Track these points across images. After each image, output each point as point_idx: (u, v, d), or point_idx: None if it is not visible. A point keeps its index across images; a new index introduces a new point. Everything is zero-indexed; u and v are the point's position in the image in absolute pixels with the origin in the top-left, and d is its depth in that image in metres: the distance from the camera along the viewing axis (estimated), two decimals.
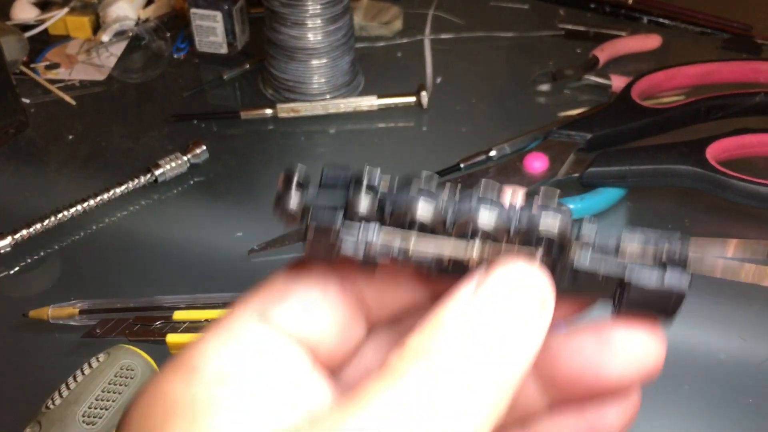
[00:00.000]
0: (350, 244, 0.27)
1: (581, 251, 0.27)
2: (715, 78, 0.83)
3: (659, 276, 0.27)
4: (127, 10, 0.97)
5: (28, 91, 0.89)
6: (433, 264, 0.27)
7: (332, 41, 0.84)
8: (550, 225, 0.26)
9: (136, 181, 0.73)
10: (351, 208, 0.27)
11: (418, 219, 0.26)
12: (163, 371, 0.27)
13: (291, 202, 0.27)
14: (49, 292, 0.64)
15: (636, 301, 0.27)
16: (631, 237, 0.27)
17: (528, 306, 0.26)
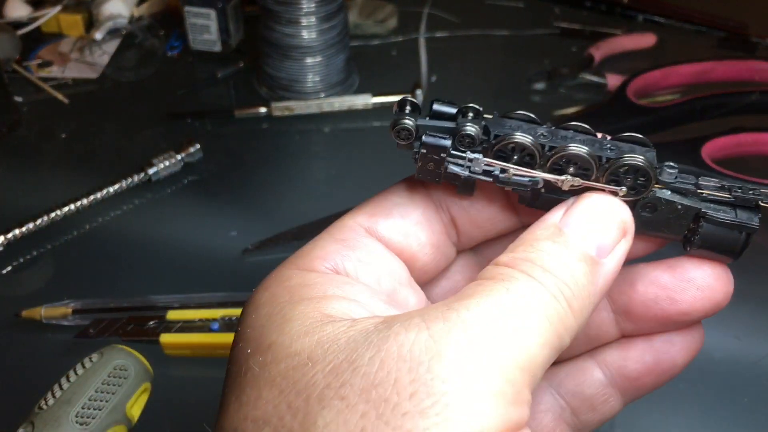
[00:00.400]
0: (457, 165, 0.30)
1: (662, 188, 0.30)
2: (710, 77, 0.83)
3: (733, 212, 0.30)
4: (120, 8, 0.97)
5: (20, 89, 0.88)
6: (529, 190, 0.31)
7: (327, 39, 0.84)
8: (638, 158, 0.29)
9: (130, 180, 0.73)
10: (458, 134, 0.30)
11: (518, 147, 0.30)
12: (285, 264, 0.31)
13: (407, 123, 0.30)
14: (41, 292, 0.64)
15: (709, 237, 0.30)
16: (708, 180, 0.31)
17: (610, 230, 0.29)
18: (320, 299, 0.28)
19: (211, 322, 0.57)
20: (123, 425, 0.48)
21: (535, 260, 0.28)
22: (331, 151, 0.82)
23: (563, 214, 0.30)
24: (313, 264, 0.31)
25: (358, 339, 0.26)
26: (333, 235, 0.32)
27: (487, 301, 0.26)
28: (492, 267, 0.28)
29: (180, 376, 0.57)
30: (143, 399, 0.51)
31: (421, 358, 0.24)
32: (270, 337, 0.27)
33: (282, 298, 0.29)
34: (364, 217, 0.32)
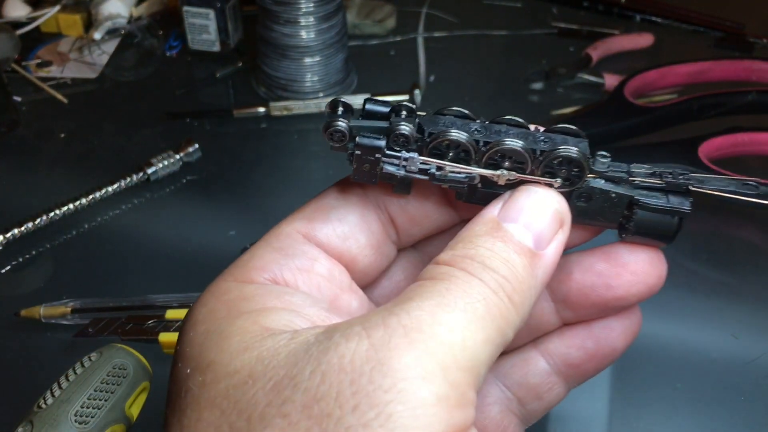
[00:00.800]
0: (392, 165, 0.30)
1: (596, 177, 0.31)
2: (707, 76, 0.84)
3: (665, 198, 0.31)
4: (119, 8, 0.97)
5: (19, 89, 0.89)
6: (465, 186, 0.31)
7: (325, 39, 0.84)
8: (571, 150, 0.30)
9: (129, 180, 0.73)
10: (393, 134, 0.30)
11: (453, 144, 0.30)
12: (222, 276, 0.30)
13: (340, 125, 0.30)
14: (40, 291, 0.64)
15: (643, 223, 0.31)
16: (639, 168, 0.32)
17: (547, 222, 0.30)
18: (259, 312, 0.28)
19: None
20: (122, 424, 0.48)
21: (475, 257, 0.28)
22: (330, 151, 0.82)
23: (500, 208, 0.30)
24: (250, 275, 0.30)
25: (299, 352, 0.25)
26: (270, 244, 0.31)
27: (426, 303, 0.26)
28: (432, 266, 0.28)
29: None
30: (142, 398, 0.51)
31: (362, 369, 0.24)
32: (209, 356, 0.27)
33: (220, 314, 0.28)
34: (301, 223, 0.32)
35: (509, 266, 0.28)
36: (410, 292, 0.27)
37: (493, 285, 0.27)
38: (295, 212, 0.33)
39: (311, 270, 0.31)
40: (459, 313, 0.26)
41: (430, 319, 0.25)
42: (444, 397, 0.24)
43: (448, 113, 0.31)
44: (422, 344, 0.24)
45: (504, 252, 0.28)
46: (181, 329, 0.29)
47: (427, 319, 0.25)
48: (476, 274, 0.27)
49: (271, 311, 0.28)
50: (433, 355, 0.24)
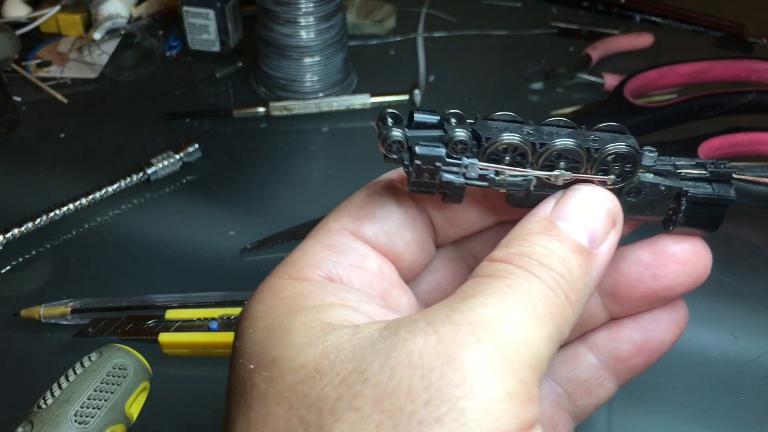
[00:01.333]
0: (452, 173, 0.30)
1: (645, 172, 0.31)
2: (707, 76, 0.84)
3: (710, 187, 0.32)
4: (119, 8, 0.97)
5: (19, 89, 0.89)
6: (523, 189, 0.31)
7: (325, 39, 0.84)
8: (622, 146, 0.30)
9: (129, 180, 0.73)
10: (452, 141, 0.30)
11: (510, 147, 0.30)
12: (276, 274, 0.31)
13: (397, 135, 0.30)
14: (40, 291, 0.64)
15: (691, 213, 0.32)
16: (683, 160, 0.32)
17: (601, 220, 0.30)
18: (318, 308, 0.28)
19: (209, 321, 0.57)
20: (122, 424, 0.49)
21: (531, 254, 0.28)
22: (330, 151, 0.83)
23: (553, 206, 0.30)
24: (305, 272, 0.30)
25: (365, 347, 0.25)
26: (321, 241, 0.32)
27: (489, 300, 0.26)
28: (488, 264, 0.28)
29: (179, 375, 0.57)
30: (142, 398, 0.51)
31: (432, 364, 0.24)
32: (273, 351, 0.27)
33: (279, 310, 0.29)
34: (348, 220, 0.32)
35: (566, 264, 0.28)
36: (469, 289, 0.27)
37: (551, 283, 0.27)
38: (340, 209, 0.33)
39: (363, 267, 0.31)
40: (521, 311, 0.26)
41: (494, 315, 0.25)
42: (514, 393, 0.24)
43: (497, 118, 0.31)
44: (490, 341, 0.25)
45: (560, 250, 0.28)
46: (238, 327, 0.30)
47: (492, 315, 0.25)
48: (534, 272, 0.27)
49: (330, 307, 0.28)
50: (501, 351, 0.25)
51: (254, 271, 0.65)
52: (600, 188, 0.31)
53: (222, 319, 0.57)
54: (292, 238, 0.66)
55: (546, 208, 0.30)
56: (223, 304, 0.59)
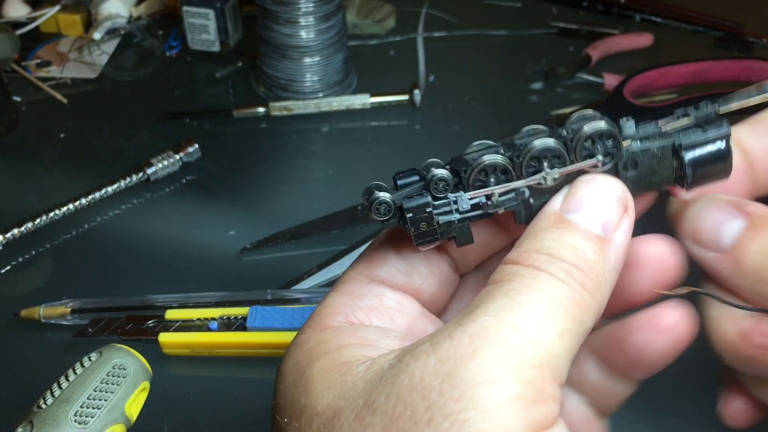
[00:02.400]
0: (445, 213, 0.31)
1: (631, 142, 0.31)
2: (707, 77, 0.84)
3: (702, 131, 0.31)
4: (119, 8, 0.97)
5: (19, 89, 0.89)
6: (520, 205, 0.31)
7: (325, 39, 0.84)
8: (597, 124, 0.30)
9: (128, 180, 0.73)
10: (431, 183, 0.31)
11: (491, 168, 0.30)
12: (302, 329, 0.32)
13: (383, 196, 0.30)
14: (40, 292, 0.64)
15: (697, 162, 0.31)
16: (665, 118, 0.31)
17: (611, 207, 0.29)
18: (335, 351, 0.29)
19: (209, 322, 0.57)
20: (122, 424, 0.48)
21: (541, 249, 0.28)
22: (330, 151, 0.83)
23: (561, 202, 0.30)
24: (326, 322, 0.31)
25: (374, 381, 0.26)
26: (339, 290, 0.33)
27: (491, 307, 0.26)
28: (500, 268, 0.28)
29: (179, 375, 0.57)
30: (142, 398, 0.51)
31: (431, 384, 0.24)
32: (299, 402, 0.28)
33: (302, 362, 0.30)
34: (363, 266, 0.33)
35: (578, 254, 0.28)
36: (477, 300, 0.27)
37: (562, 275, 0.27)
38: (357, 259, 0.34)
39: (380, 305, 0.32)
40: (525, 312, 0.26)
41: (495, 323, 0.25)
42: (518, 396, 0.24)
43: (472, 150, 0.31)
44: (487, 349, 0.25)
45: (571, 240, 0.28)
46: (275, 385, 0.31)
47: (493, 323, 0.25)
48: (543, 267, 0.27)
49: (346, 348, 0.29)
50: (501, 356, 0.25)
51: (254, 271, 0.65)
52: (605, 176, 0.30)
53: (222, 319, 0.57)
54: (291, 238, 0.66)
55: (554, 204, 0.30)
56: (223, 304, 0.59)
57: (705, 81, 0.83)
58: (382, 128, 0.84)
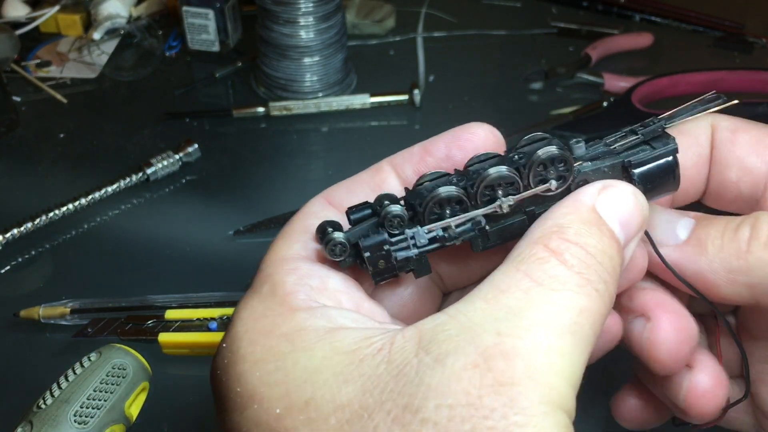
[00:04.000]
0: (403, 249, 0.31)
1: (582, 163, 0.31)
2: (720, 86, 0.83)
3: (649, 148, 0.31)
4: (118, 8, 0.97)
5: (18, 89, 0.89)
6: (477, 233, 0.31)
7: (325, 39, 0.84)
8: (548, 149, 0.30)
9: (128, 180, 0.73)
10: (386, 220, 0.30)
11: (445, 201, 0.30)
12: (254, 312, 0.30)
13: (337, 237, 0.30)
14: (40, 292, 0.64)
15: (645, 178, 0.31)
16: (612, 136, 0.32)
17: (637, 222, 0.30)
18: (327, 337, 0.27)
19: (209, 321, 0.57)
20: (121, 424, 0.48)
21: (585, 247, 0.28)
22: (329, 151, 0.83)
23: (597, 197, 0.30)
24: (288, 303, 0.29)
25: (410, 380, 0.25)
26: (282, 267, 0.31)
27: (540, 318, 0.25)
28: (535, 255, 0.27)
29: (178, 375, 0.57)
30: (141, 398, 0.51)
31: (493, 405, 0.24)
32: (303, 393, 0.26)
33: (283, 348, 0.27)
34: (301, 246, 0.32)
35: (612, 263, 0.28)
36: (515, 300, 0.26)
37: (601, 287, 0.27)
38: (292, 229, 0.33)
39: (326, 288, 0.31)
40: (570, 336, 0.25)
41: (545, 343, 0.25)
42: (566, 426, 0.24)
43: (423, 181, 0.31)
44: (545, 383, 0.24)
45: (609, 249, 0.28)
46: (230, 374, 0.28)
47: (543, 344, 0.25)
48: (590, 283, 0.27)
49: (340, 332, 0.27)
50: (555, 390, 0.24)
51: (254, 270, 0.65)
52: (636, 189, 0.30)
53: (221, 319, 0.57)
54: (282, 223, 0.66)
55: (587, 197, 0.30)
56: (223, 304, 0.59)
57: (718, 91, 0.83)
58: (381, 128, 0.84)
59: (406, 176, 0.34)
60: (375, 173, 0.34)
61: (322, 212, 0.33)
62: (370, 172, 0.34)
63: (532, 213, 0.31)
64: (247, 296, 0.31)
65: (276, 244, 0.32)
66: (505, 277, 0.27)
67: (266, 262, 0.32)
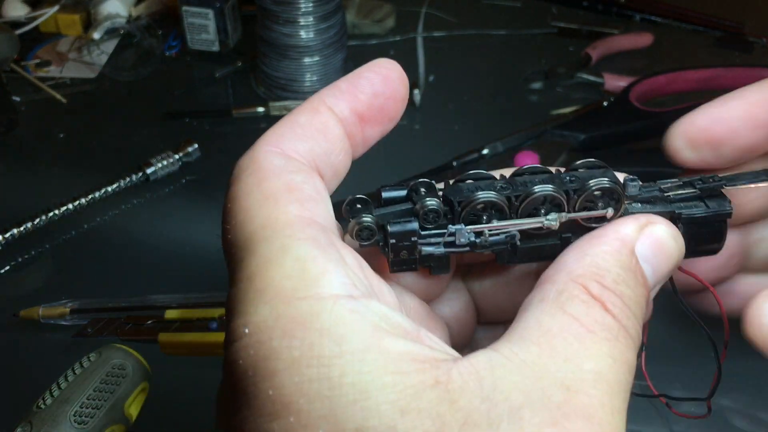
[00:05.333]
0: (431, 244, 0.29)
1: (632, 203, 0.30)
2: (717, 83, 0.83)
3: (703, 204, 0.30)
4: (118, 8, 0.97)
5: (18, 89, 0.88)
6: (508, 246, 0.29)
7: (324, 39, 0.84)
8: (603, 181, 0.29)
9: (128, 180, 0.73)
10: (422, 212, 0.28)
11: (487, 205, 0.29)
12: (283, 293, 0.24)
13: (366, 220, 0.28)
14: (40, 292, 0.64)
15: (690, 236, 0.30)
16: (668, 182, 0.31)
17: (669, 266, 0.29)
18: (376, 341, 0.23)
19: (209, 322, 0.57)
20: (121, 424, 0.48)
21: (615, 290, 0.26)
22: None
23: (637, 234, 0.28)
24: (325, 289, 0.24)
25: (480, 430, 0.22)
26: (297, 236, 0.26)
27: (601, 370, 0.24)
28: (568, 287, 0.26)
29: (178, 376, 0.57)
30: (141, 398, 0.51)
31: None
32: (354, 418, 0.22)
33: (328, 351, 0.23)
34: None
35: (641, 311, 0.27)
36: (571, 349, 0.25)
37: (634, 334, 0.26)
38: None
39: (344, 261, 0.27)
40: (623, 395, 0.24)
41: (608, 405, 0.24)
42: None
43: (466, 177, 0.30)
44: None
45: (642, 294, 0.27)
46: (263, 370, 0.23)
47: (607, 406, 0.24)
48: (630, 336, 0.26)
49: (385, 338, 0.23)
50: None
51: None
52: (677, 231, 0.29)
53: (221, 319, 0.57)
54: None
55: (627, 232, 0.28)
56: (223, 304, 0.59)
57: (715, 88, 0.83)
58: None
59: (345, 116, 0.30)
60: (314, 115, 0.30)
61: (289, 165, 0.29)
62: (308, 113, 0.30)
63: (567, 240, 0.29)
64: (260, 269, 0.25)
65: (257, 204, 0.27)
66: (552, 320, 0.25)
67: (261, 227, 0.26)
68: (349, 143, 0.31)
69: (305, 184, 0.28)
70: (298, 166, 0.29)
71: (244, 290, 0.25)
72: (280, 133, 0.30)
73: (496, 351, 0.24)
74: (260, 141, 0.30)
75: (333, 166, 0.31)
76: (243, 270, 0.26)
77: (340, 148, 0.31)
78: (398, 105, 0.31)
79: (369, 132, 0.32)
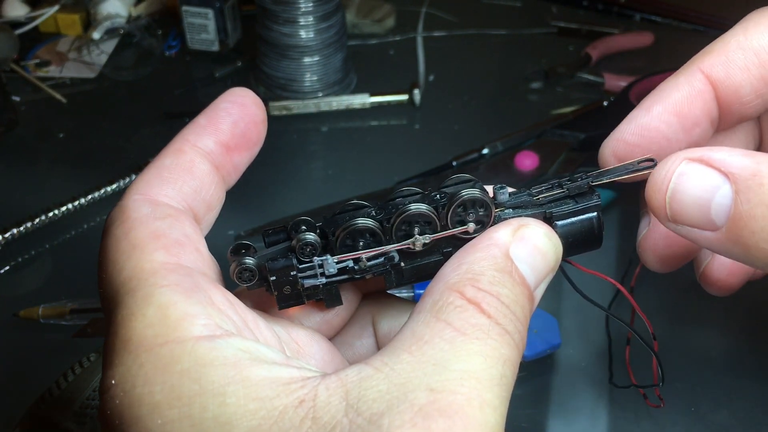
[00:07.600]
0: (310, 277, 0.30)
1: (503, 210, 0.31)
2: None
3: (573, 202, 0.31)
4: (118, 8, 0.97)
5: (18, 88, 0.88)
6: (389, 269, 0.30)
7: (324, 39, 0.84)
8: (469, 192, 0.29)
9: (128, 180, 0.73)
10: (298, 246, 0.30)
11: (360, 232, 0.30)
12: (146, 340, 0.25)
13: (246, 262, 0.30)
14: (39, 292, 0.64)
15: (567, 233, 0.31)
16: (539, 186, 0.32)
17: (549, 265, 0.29)
18: (238, 373, 0.24)
19: None
20: None
21: (500, 296, 0.27)
22: (329, 151, 0.82)
23: (512, 238, 0.29)
24: (187, 331, 0.25)
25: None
26: (162, 284, 0.27)
27: (471, 373, 0.24)
28: (454, 305, 0.26)
29: None
30: None
31: None
32: None
33: (188, 390, 0.24)
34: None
35: (523, 311, 0.27)
36: (441, 351, 0.25)
37: (518, 340, 0.26)
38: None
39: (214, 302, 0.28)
40: (498, 389, 0.25)
41: (477, 401, 0.24)
42: None
43: (343, 210, 0.31)
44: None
45: (521, 295, 0.27)
46: (128, 417, 0.24)
47: (476, 401, 0.24)
48: (508, 329, 0.26)
49: (249, 369, 0.24)
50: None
51: None
52: (551, 229, 0.30)
53: None
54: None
55: (503, 237, 0.28)
56: None
57: None
58: (381, 128, 0.84)
59: (210, 150, 0.32)
60: (178, 155, 0.31)
61: (156, 211, 0.30)
62: (173, 155, 0.31)
63: (449, 254, 0.30)
64: (125, 321, 0.26)
65: (125, 255, 0.28)
66: (426, 328, 0.25)
67: (128, 278, 0.27)
68: (220, 175, 0.33)
69: (172, 229, 0.29)
70: (166, 211, 0.30)
71: (112, 342, 0.26)
72: (146, 180, 0.31)
73: (367, 364, 0.25)
74: (129, 190, 0.31)
75: (205, 202, 0.32)
76: (112, 323, 0.27)
77: (210, 183, 0.32)
78: (259, 128, 0.34)
79: (237, 159, 0.34)
